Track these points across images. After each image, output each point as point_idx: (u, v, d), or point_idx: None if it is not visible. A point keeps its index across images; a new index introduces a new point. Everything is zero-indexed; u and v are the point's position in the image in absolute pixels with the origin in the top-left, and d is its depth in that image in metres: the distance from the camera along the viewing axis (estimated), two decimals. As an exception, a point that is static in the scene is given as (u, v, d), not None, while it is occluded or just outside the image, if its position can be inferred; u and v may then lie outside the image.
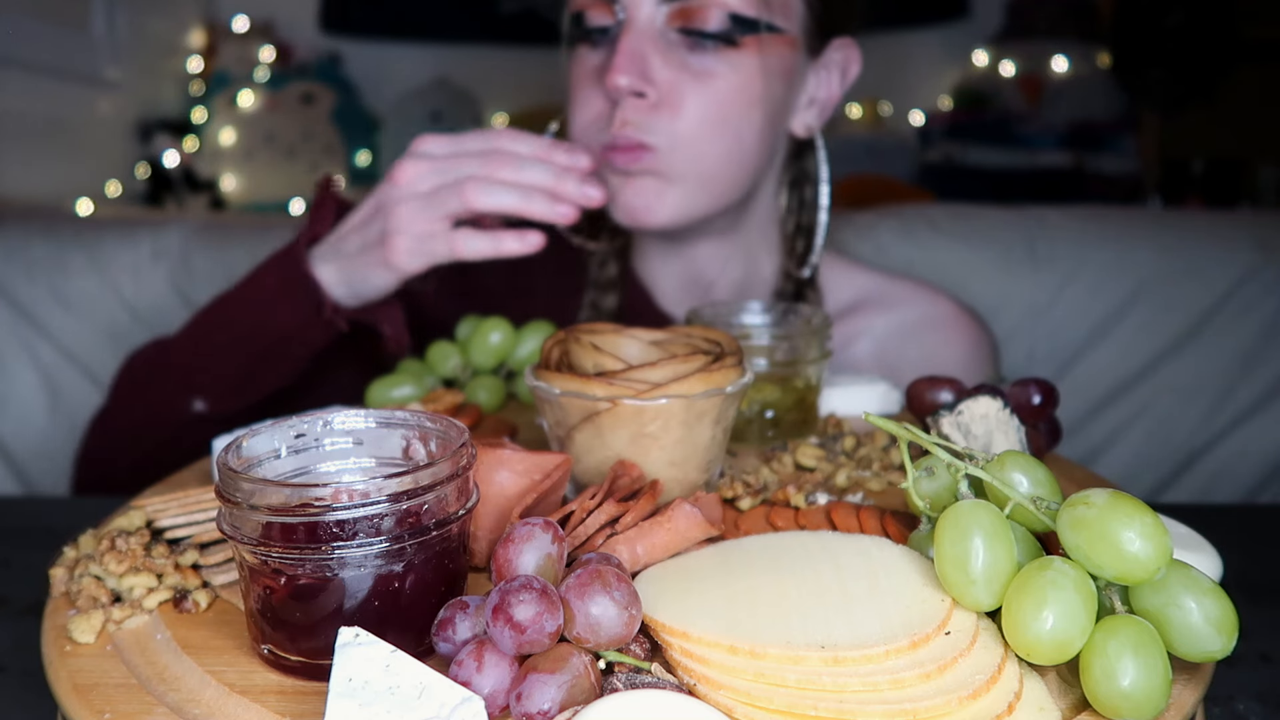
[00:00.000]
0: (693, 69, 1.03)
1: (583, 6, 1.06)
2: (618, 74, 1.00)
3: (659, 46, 1.02)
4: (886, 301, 1.24)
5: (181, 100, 3.27)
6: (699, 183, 1.06)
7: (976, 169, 3.23)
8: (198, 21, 3.36)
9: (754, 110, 1.05)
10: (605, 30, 1.05)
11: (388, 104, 3.25)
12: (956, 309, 1.26)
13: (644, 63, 1.02)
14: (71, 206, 2.50)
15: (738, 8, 1.01)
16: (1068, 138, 3.21)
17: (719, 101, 1.03)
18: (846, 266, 1.28)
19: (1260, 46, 3.25)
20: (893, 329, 1.23)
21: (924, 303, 1.25)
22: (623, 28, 1.02)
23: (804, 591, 0.56)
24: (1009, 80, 3.26)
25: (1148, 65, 3.23)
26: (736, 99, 1.04)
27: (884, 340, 1.22)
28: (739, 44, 1.02)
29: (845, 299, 1.24)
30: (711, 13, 1.01)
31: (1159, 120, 3.40)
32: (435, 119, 3.17)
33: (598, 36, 1.06)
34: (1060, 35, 3.25)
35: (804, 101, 1.12)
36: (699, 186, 1.07)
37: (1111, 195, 3.16)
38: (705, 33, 1.01)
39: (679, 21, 1.02)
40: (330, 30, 3.30)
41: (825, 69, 1.12)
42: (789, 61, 1.07)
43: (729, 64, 1.03)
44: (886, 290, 1.26)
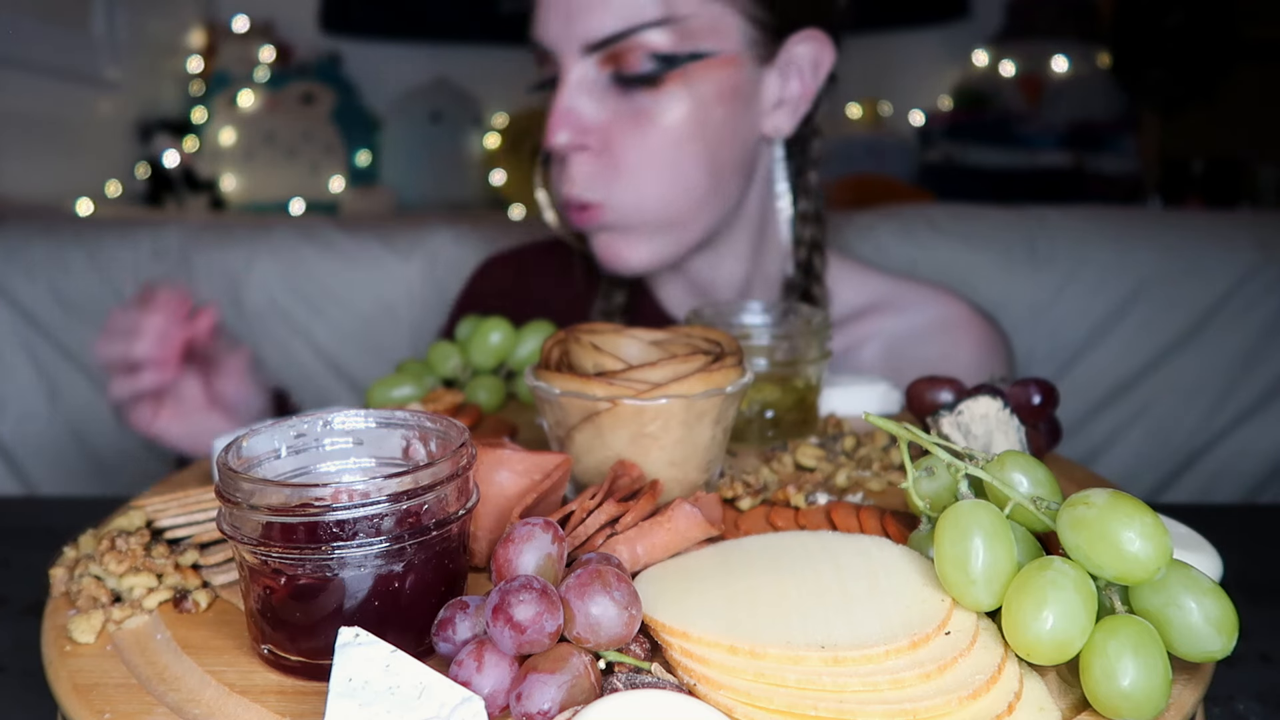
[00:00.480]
0: (627, 113, 1.04)
1: (537, 58, 1.08)
2: (553, 133, 1.03)
3: (595, 94, 1.04)
4: (897, 305, 1.24)
5: (181, 100, 3.27)
6: (656, 227, 1.08)
7: (976, 169, 3.23)
8: (198, 21, 3.36)
9: (693, 143, 1.05)
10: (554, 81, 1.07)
11: (388, 104, 3.25)
12: (968, 311, 1.25)
13: (578, 116, 1.04)
14: (71, 206, 2.50)
15: (658, 46, 1.01)
16: (1068, 138, 3.20)
17: (656, 143, 1.04)
18: (859, 270, 1.27)
19: (1260, 46, 3.25)
20: (903, 331, 1.22)
21: (936, 305, 1.24)
22: (558, 83, 1.04)
23: (804, 591, 0.56)
24: (1009, 80, 3.26)
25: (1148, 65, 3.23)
26: (673, 136, 1.04)
27: (894, 343, 1.21)
28: (667, 80, 1.02)
29: (857, 303, 1.24)
30: (635, 55, 1.01)
31: (1159, 120, 3.40)
32: (435, 119, 3.16)
33: (550, 86, 1.08)
34: (1060, 35, 3.25)
35: (768, 106, 1.11)
36: (658, 230, 1.08)
37: (1111, 195, 3.16)
38: (632, 76, 1.02)
39: (609, 67, 1.03)
40: (330, 30, 3.29)
41: (789, 67, 1.10)
42: (730, 80, 1.06)
43: (661, 102, 1.03)
44: (898, 293, 1.25)
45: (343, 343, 1.77)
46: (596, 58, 1.03)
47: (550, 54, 1.05)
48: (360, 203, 3.06)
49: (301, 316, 1.76)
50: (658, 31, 1.01)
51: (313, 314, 1.76)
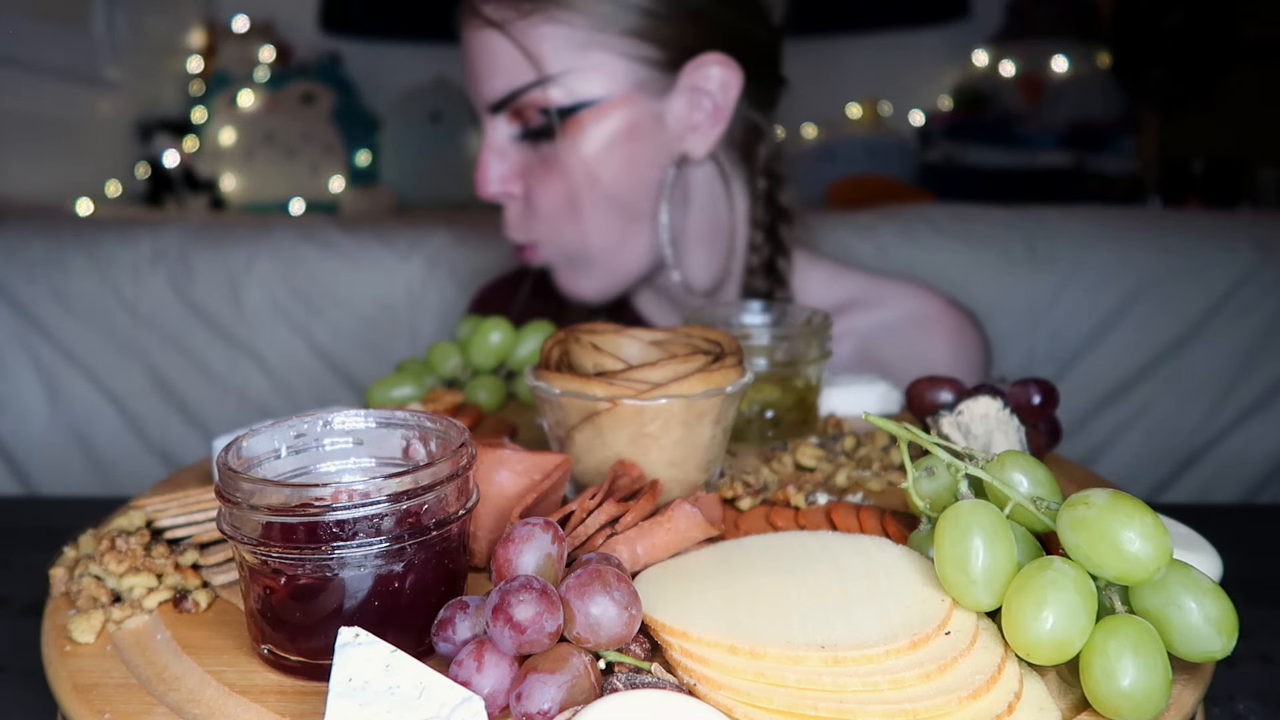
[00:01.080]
0: (535, 163, 1.11)
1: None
2: (481, 186, 1.12)
3: (509, 148, 1.12)
4: (872, 301, 1.25)
5: (181, 100, 3.27)
6: (588, 262, 1.15)
7: (976, 169, 3.22)
8: (198, 21, 3.36)
9: (597, 184, 1.11)
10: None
11: (388, 104, 3.24)
12: (943, 306, 1.26)
13: (500, 169, 1.12)
14: (71, 206, 2.50)
15: (546, 101, 1.08)
16: (1068, 138, 3.20)
17: (562, 188, 1.11)
18: (830, 269, 1.28)
19: (1260, 46, 3.25)
20: (877, 327, 1.23)
21: (910, 300, 1.25)
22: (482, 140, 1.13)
23: (804, 591, 0.56)
24: (1009, 80, 3.26)
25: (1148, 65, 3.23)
26: (576, 180, 1.10)
27: (868, 340, 1.22)
28: (560, 131, 1.09)
29: (829, 302, 1.25)
30: (528, 111, 1.09)
31: (1159, 120, 3.40)
32: (435, 119, 3.16)
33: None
34: (1060, 35, 3.24)
35: (681, 131, 1.12)
36: (592, 264, 1.15)
37: (1111, 195, 3.16)
38: (530, 130, 1.10)
39: (515, 122, 1.11)
40: (330, 30, 3.29)
41: (690, 94, 1.11)
42: (624, 119, 1.09)
43: (561, 150, 1.10)
44: (873, 290, 1.26)
45: (343, 343, 1.77)
46: (504, 115, 1.11)
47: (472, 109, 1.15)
48: (360, 203, 3.06)
49: (301, 316, 1.76)
50: (540, 90, 1.08)
51: (313, 314, 1.76)
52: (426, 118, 3.16)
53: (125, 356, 1.75)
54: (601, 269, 1.15)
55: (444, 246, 1.77)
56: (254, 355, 1.77)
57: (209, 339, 1.76)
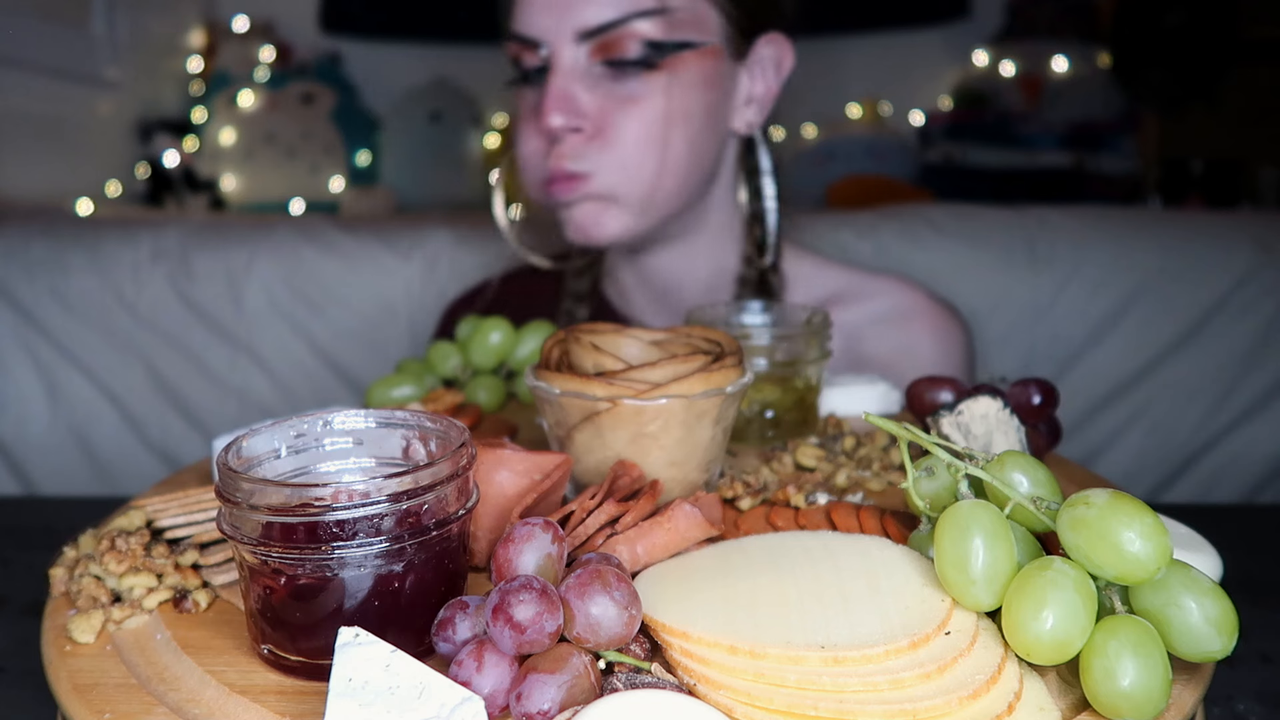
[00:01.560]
0: (618, 96, 1.09)
1: (515, 53, 1.13)
2: (549, 115, 1.08)
3: (585, 81, 1.09)
4: (856, 295, 1.26)
5: (181, 100, 3.27)
6: (638, 200, 1.12)
7: (976, 169, 3.22)
8: (198, 21, 3.36)
9: (680, 125, 1.10)
10: (540, 70, 1.11)
11: (388, 104, 3.24)
12: (927, 300, 1.27)
13: (572, 100, 1.09)
14: (71, 206, 2.50)
15: (650, 34, 1.07)
16: (1068, 138, 3.20)
17: (646, 122, 1.09)
18: (819, 264, 1.29)
19: (1260, 46, 3.24)
20: (862, 321, 1.24)
21: (893, 294, 1.26)
22: (549, 70, 1.09)
23: (804, 591, 0.56)
24: (1009, 80, 3.26)
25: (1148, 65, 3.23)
26: (662, 118, 1.09)
27: (853, 333, 1.23)
28: (658, 66, 1.08)
29: (816, 296, 1.26)
30: (627, 42, 1.07)
31: (1159, 120, 3.39)
32: (435, 119, 3.16)
33: (533, 77, 1.12)
34: (1060, 35, 3.24)
35: (740, 101, 1.17)
36: (639, 203, 1.12)
37: (1111, 195, 3.16)
38: (625, 61, 1.07)
39: (600, 55, 1.08)
40: (330, 30, 3.29)
41: (757, 66, 1.17)
42: (711, 71, 1.12)
43: (651, 86, 1.08)
44: (857, 285, 1.27)
45: (343, 342, 1.77)
46: (588, 46, 1.08)
47: (536, 44, 1.09)
48: (360, 203, 3.06)
49: (301, 316, 1.76)
50: (648, 21, 1.06)
51: (313, 314, 1.76)
52: (426, 118, 3.16)
53: (125, 356, 1.75)
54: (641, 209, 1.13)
55: (444, 246, 1.77)
56: (254, 355, 1.76)
57: (209, 339, 1.76)
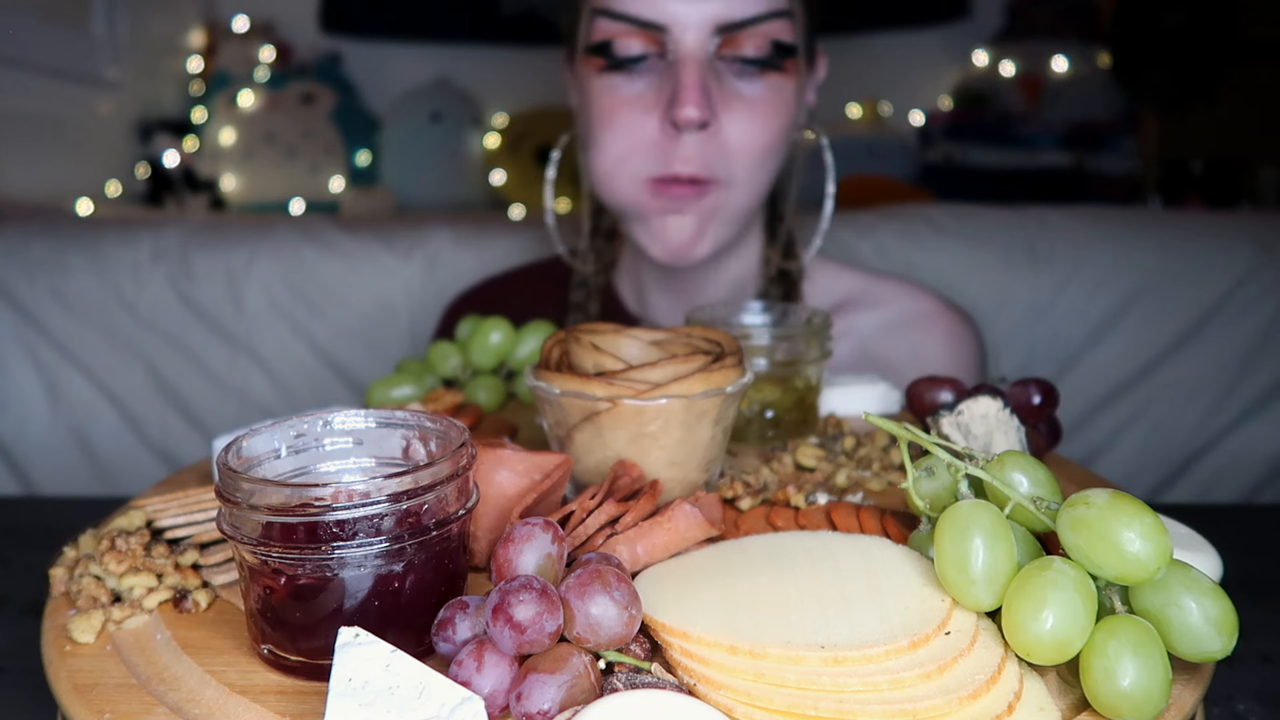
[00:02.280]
0: (743, 97, 1.05)
1: (611, 34, 1.05)
2: (688, 107, 1.01)
3: (711, 75, 1.04)
4: (870, 300, 1.25)
5: (181, 100, 3.27)
6: (741, 212, 1.09)
7: (976, 169, 3.22)
8: (198, 21, 3.36)
9: (782, 133, 1.08)
10: (642, 59, 1.05)
11: (388, 104, 3.24)
12: (940, 305, 1.26)
13: (708, 94, 1.02)
14: (71, 206, 2.50)
15: (778, 34, 1.03)
16: (1068, 138, 3.20)
17: (766, 129, 1.05)
18: (833, 268, 1.29)
19: (1260, 46, 3.24)
20: (876, 327, 1.23)
21: (907, 300, 1.26)
22: (679, 61, 1.03)
23: (804, 591, 0.56)
24: (1009, 80, 3.26)
25: (1148, 65, 3.23)
26: (778, 124, 1.06)
27: (867, 339, 1.23)
28: (780, 69, 1.04)
29: (830, 299, 1.25)
30: (759, 41, 1.03)
31: (1159, 120, 3.39)
32: (435, 119, 3.16)
33: (632, 65, 1.05)
34: (1060, 35, 3.24)
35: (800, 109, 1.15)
36: (739, 215, 1.09)
37: (1111, 195, 3.16)
38: (754, 60, 1.03)
39: (728, 50, 1.03)
40: (330, 30, 3.29)
41: (812, 75, 1.16)
42: (802, 78, 1.10)
43: (773, 88, 1.05)
44: (870, 289, 1.27)
45: (342, 342, 1.77)
46: (719, 39, 1.03)
47: (659, 29, 1.03)
48: (360, 203, 3.05)
49: (301, 316, 1.76)
50: (780, 21, 1.03)
51: (313, 314, 1.76)
52: (426, 118, 3.16)
53: (125, 356, 1.75)
54: (735, 220, 1.10)
55: (444, 246, 1.77)
56: (254, 355, 1.76)
57: (209, 339, 1.76)
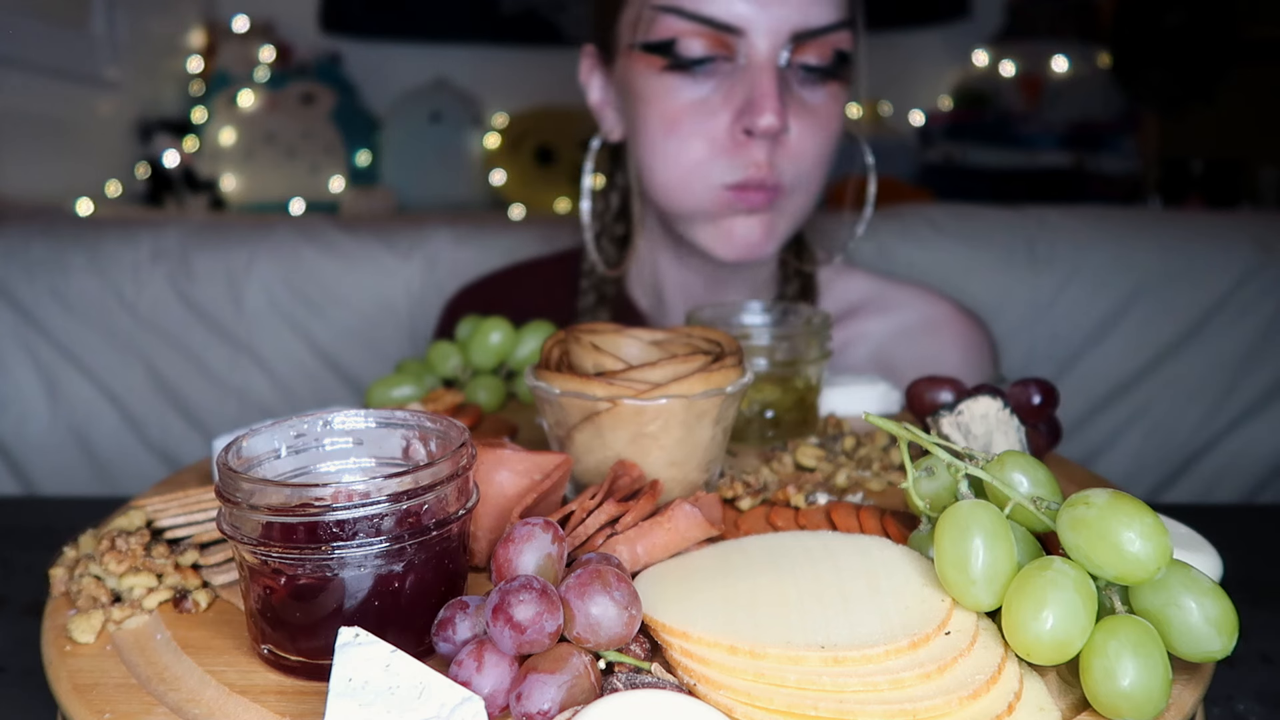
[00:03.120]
0: (807, 105, 1.06)
1: (676, 33, 1.03)
2: (768, 115, 1.00)
3: (782, 82, 1.03)
4: (884, 305, 1.25)
5: (181, 100, 3.27)
6: (801, 214, 1.11)
7: (976, 169, 3.22)
8: (198, 21, 3.36)
9: (836, 139, 1.09)
10: (709, 60, 1.03)
11: (388, 104, 3.24)
12: (954, 311, 1.26)
13: (783, 100, 1.02)
14: (71, 206, 2.50)
15: (842, 44, 1.04)
16: (1068, 138, 3.20)
17: (827, 137, 1.07)
18: (849, 271, 1.28)
19: (1260, 46, 3.24)
20: (890, 332, 1.23)
21: (922, 305, 1.25)
22: (755, 66, 1.02)
23: (804, 591, 0.56)
24: (1009, 80, 3.26)
25: (1148, 65, 3.23)
26: (835, 133, 1.08)
27: (882, 344, 1.22)
28: (841, 78, 1.06)
29: (845, 303, 1.24)
30: (826, 49, 1.03)
31: (1159, 120, 3.39)
32: (435, 119, 3.16)
33: (697, 67, 1.04)
34: (1060, 35, 3.24)
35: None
36: (799, 217, 1.11)
37: (1111, 195, 3.16)
38: (822, 69, 1.04)
39: (800, 57, 1.04)
40: (330, 30, 3.29)
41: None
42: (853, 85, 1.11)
43: (833, 97, 1.06)
44: (885, 294, 1.26)
45: (342, 342, 1.77)
46: (793, 46, 1.03)
47: (733, 31, 1.01)
48: (360, 203, 3.05)
49: (301, 316, 1.76)
50: (847, 31, 1.04)
51: (313, 314, 1.76)
52: (426, 118, 3.16)
53: (125, 356, 1.75)
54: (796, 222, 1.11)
55: (444, 246, 1.77)
56: (254, 355, 1.76)
57: (209, 339, 1.76)
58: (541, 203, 3.10)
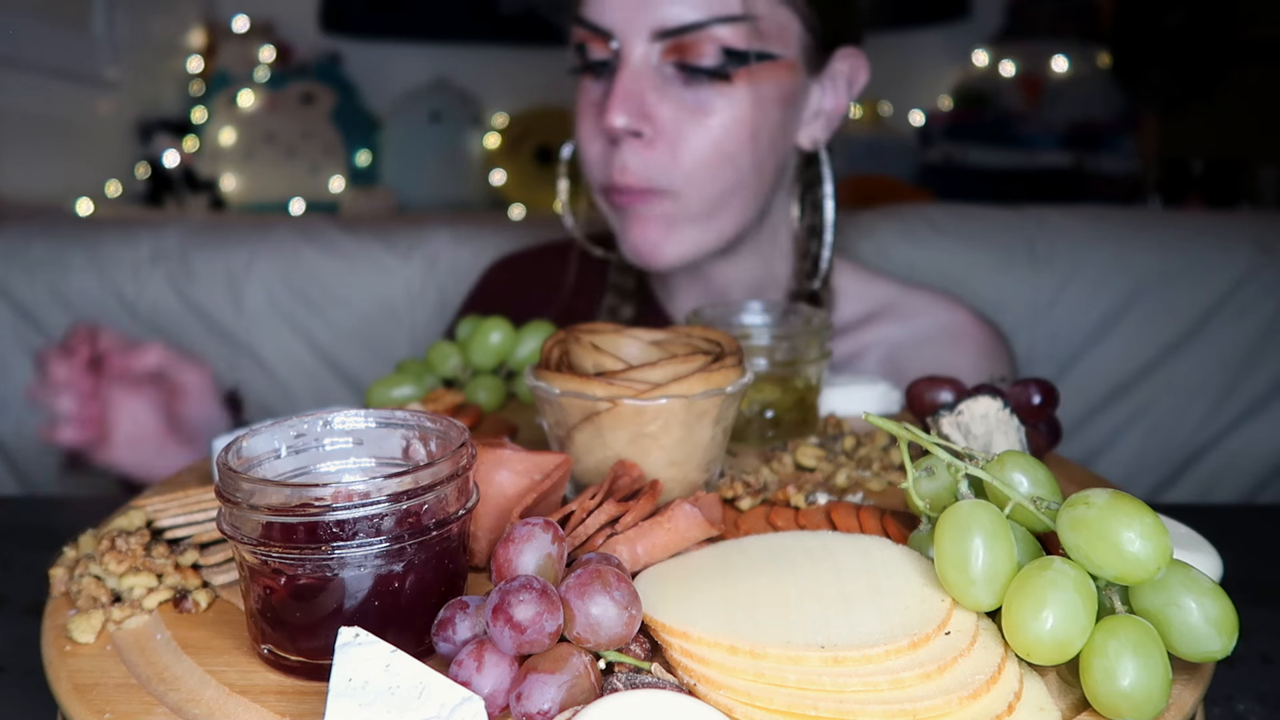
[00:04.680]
0: (689, 105, 1.03)
1: (583, 38, 1.05)
2: (613, 114, 1.01)
3: (655, 83, 1.03)
4: (901, 311, 1.24)
5: (181, 100, 3.27)
6: (705, 219, 1.07)
7: (976, 169, 3.22)
8: (198, 21, 3.36)
9: (752, 141, 1.05)
10: (605, 63, 1.05)
11: (388, 104, 3.24)
12: (971, 319, 1.25)
13: (640, 101, 1.02)
14: (71, 206, 2.50)
15: (730, 41, 1.01)
16: (1068, 138, 3.20)
17: (717, 138, 1.03)
18: (865, 277, 1.27)
19: (1260, 46, 3.24)
20: (906, 339, 1.22)
21: (939, 312, 1.24)
22: (618, 65, 1.03)
23: (804, 591, 0.56)
24: (1009, 80, 3.26)
25: (1148, 65, 3.23)
26: (734, 133, 1.04)
27: (897, 351, 1.21)
28: (732, 77, 1.02)
29: (861, 309, 1.23)
30: (705, 47, 1.01)
31: (1159, 120, 3.39)
32: (435, 119, 3.16)
33: (599, 69, 1.06)
34: (1060, 35, 3.24)
35: (808, 116, 1.12)
36: (705, 223, 1.08)
37: (1111, 195, 3.16)
38: (699, 68, 1.01)
39: (673, 56, 1.02)
40: (330, 30, 3.29)
41: (830, 81, 1.12)
42: (787, 85, 1.07)
43: (725, 98, 1.03)
44: (902, 300, 1.25)
45: (343, 343, 1.77)
46: (663, 45, 1.02)
47: (604, 35, 1.03)
48: (360, 203, 3.05)
49: (301, 316, 1.76)
50: (730, 27, 1.00)
51: (313, 314, 1.76)
52: (426, 118, 3.16)
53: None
54: (705, 227, 1.08)
55: (444, 246, 1.77)
56: (254, 355, 1.76)
57: (209, 339, 1.76)
58: (541, 202, 3.10)
